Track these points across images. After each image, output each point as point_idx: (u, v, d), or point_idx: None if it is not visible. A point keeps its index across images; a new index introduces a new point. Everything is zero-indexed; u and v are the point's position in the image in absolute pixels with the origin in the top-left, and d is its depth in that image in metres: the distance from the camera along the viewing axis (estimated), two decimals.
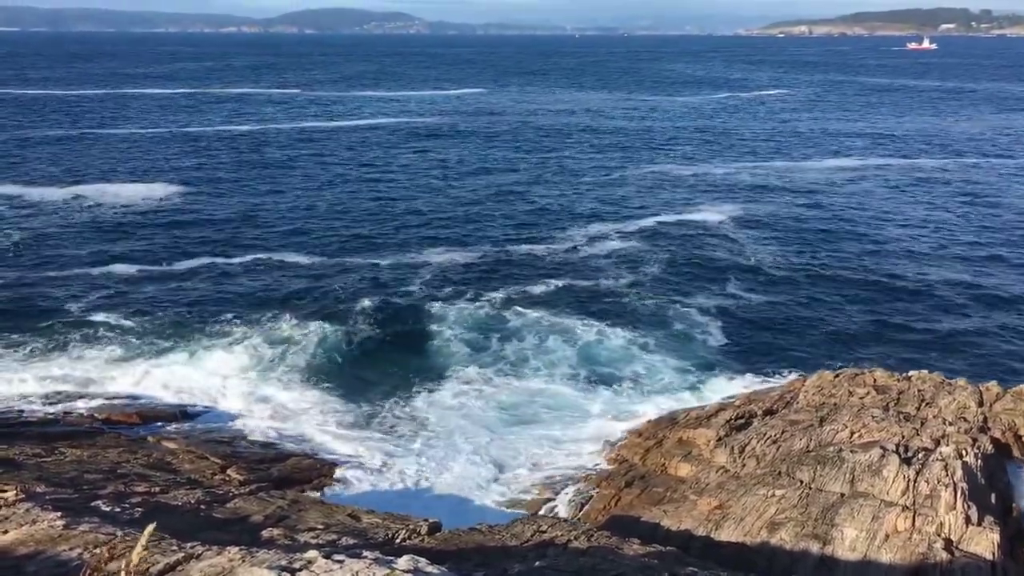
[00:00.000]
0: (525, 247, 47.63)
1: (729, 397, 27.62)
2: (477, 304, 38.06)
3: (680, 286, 41.50)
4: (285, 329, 34.76)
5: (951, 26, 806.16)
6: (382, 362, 32.12)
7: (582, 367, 31.53)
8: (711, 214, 56.37)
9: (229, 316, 36.33)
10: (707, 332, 35.56)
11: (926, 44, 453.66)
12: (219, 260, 44.47)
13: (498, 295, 39.19)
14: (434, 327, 35.58)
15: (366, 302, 38.25)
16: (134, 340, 33.00)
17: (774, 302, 39.61)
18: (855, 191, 65.49)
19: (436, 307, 37.64)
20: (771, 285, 41.97)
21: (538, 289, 40.15)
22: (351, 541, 13.24)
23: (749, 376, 30.94)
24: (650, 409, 27.83)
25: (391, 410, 28.40)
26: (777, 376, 31.03)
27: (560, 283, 41.10)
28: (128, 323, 34.89)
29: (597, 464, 23.59)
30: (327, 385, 29.93)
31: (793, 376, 29.83)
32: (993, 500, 17.22)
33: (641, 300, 39.15)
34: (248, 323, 35.48)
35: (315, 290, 39.95)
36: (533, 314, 36.63)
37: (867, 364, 30.34)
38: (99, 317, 35.56)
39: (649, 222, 53.86)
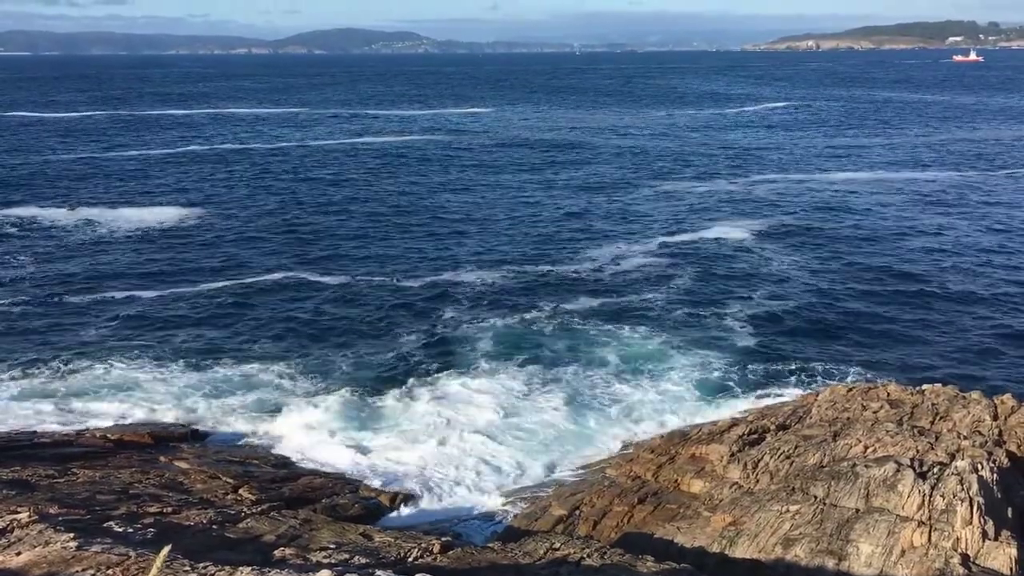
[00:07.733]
0: (546, 267, 47.41)
1: (744, 411, 27.48)
2: (503, 319, 38.17)
3: (708, 301, 41.47)
4: (301, 349, 34.84)
5: (958, 39, 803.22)
6: (398, 379, 32.04)
7: (598, 386, 31.43)
8: (731, 229, 56.32)
9: (245, 336, 36.47)
10: (731, 345, 35.51)
11: (972, 56, 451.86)
12: (238, 282, 44.44)
13: (528, 312, 39.09)
14: (462, 342, 35.58)
15: (386, 320, 38.29)
16: (148, 361, 33.15)
17: (789, 315, 39.46)
18: (871, 204, 65.44)
19: (465, 323, 37.74)
20: (786, 298, 41.80)
21: (569, 306, 40.00)
22: (363, 560, 13.20)
23: (760, 391, 30.85)
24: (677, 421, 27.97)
25: (407, 427, 28.23)
26: (795, 386, 30.96)
27: (591, 301, 40.89)
28: (142, 344, 35.09)
29: (610, 481, 23.45)
30: (340, 403, 29.84)
31: (814, 387, 29.77)
32: (1010, 514, 17.05)
33: (671, 314, 39.04)
34: (265, 343, 35.61)
35: (335, 311, 39.98)
36: (569, 333, 36.58)
37: (880, 377, 30.21)
38: (111, 339, 35.81)
39: (671, 239, 53.78)
